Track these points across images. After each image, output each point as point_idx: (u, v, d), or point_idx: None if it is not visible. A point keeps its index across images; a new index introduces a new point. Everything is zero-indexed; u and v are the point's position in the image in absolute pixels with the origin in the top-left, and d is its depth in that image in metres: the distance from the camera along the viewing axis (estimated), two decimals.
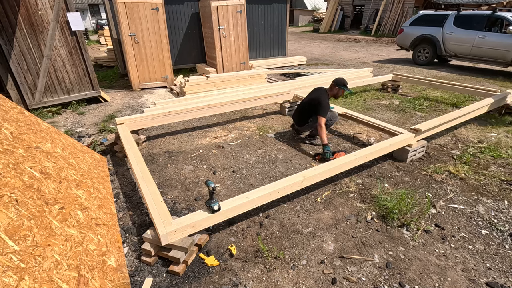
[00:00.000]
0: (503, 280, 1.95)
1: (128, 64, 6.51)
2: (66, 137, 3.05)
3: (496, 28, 7.91)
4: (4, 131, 2.12)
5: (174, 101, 4.86)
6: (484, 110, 4.36)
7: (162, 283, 1.96)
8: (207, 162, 3.53)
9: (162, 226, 2.00)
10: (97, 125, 4.76)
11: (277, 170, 3.34)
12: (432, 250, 2.21)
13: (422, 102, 5.56)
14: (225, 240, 2.33)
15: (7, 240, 1.40)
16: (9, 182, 1.71)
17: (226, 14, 7.28)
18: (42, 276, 1.41)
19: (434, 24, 8.74)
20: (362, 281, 1.96)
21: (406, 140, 3.34)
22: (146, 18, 6.27)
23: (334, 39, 18.64)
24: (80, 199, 2.19)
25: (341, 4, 23.28)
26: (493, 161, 3.44)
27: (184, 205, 2.76)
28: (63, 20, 5.04)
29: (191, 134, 4.36)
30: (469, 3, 17.63)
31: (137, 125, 3.85)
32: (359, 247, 2.25)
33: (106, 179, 2.96)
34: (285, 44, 9.99)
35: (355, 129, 4.46)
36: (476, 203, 2.73)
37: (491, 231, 2.39)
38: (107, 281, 1.75)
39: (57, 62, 5.17)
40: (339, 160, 2.84)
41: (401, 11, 18.64)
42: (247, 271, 2.05)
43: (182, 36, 8.24)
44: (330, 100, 3.79)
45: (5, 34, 4.56)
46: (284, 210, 2.66)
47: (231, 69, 7.90)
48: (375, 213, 2.61)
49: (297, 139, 4.11)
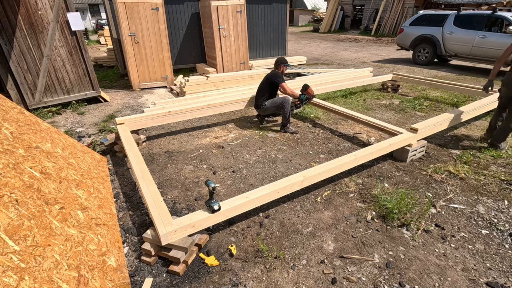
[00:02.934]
0: (503, 280, 1.95)
1: (128, 64, 6.51)
2: (66, 137, 3.05)
3: (496, 28, 7.91)
4: (4, 131, 2.12)
5: (174, 101, 4.86)
6: (484, 110, 4.36)
7: (162, 283, 1.96)
8: (207, 162, 3.53)
9: (162, 226, 2.00)
10: (97, 125, 4.76)
11: (277, 170, 3.34)
12: (432, 250, 2.21)
13: (422, 102, 5.56)
14: (225, 240, 2.33)
15: (7, 240, 1.40)
16: (9, 182, 1.71)
17: (226, 14, 7.28)
18: (42, 276, 1.41)
19: (434, 24, 8.74)
20: (362, 281, 1.96)
21: (406, 140, 3.34)
22: (146, 18, 6.27)
23: (334, 39, 18.64)
24: (80, 199, 2.19)
25: (341, 4, 23.28)
26: (493, 161, 3.44)
27: (184, 205, 2.76)
28: (63, 20, 5.04)
29: (191, 134, 4.36)
30: (469, 3, 17.62)
31: (137, 125, 3.85)
32: (359, 247, 2.25)
33: (106, 179, 2.96)
34: (285, 44, 9.98)
35: (355, 129, 4.46)
36: (476, 203, 2.73)
37: (491, 231, 2.39)
38: (107, 281, 1.75)
39: (57, 62, 5.17)
40: (339, 160, 2.84)
41: (401, 11, 18.63)
42: (247, 271, 2.05)
43: (182, 36, 8.24)
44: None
45: (5, 34, 4.56)
46: (284, 210, 2.66)
47: (231, 69, 7.90)
48: (375, 213, 2.61)
49: (297, 139, 4.11)
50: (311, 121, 4.78)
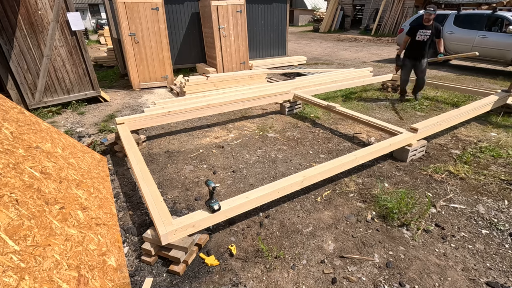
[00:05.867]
0: (503, 280, 1.95)
1: (128, 64, 6.51)
2: (66, 137, 3.05)
3: (496, 27, 7.90)
4: (4, 131, 2.12)
5: (174, 101, 4.86)
6: (483, 110, 4.36)
7: (162, 283, 1.97)
8: (207, 162, 3.53)
9: (162, 226, 2.00)
10: (97, 125, 4.76)
11: (277, 170, 3.34)
12: (432, 249, 2.21)
13: (422, 102, 5.55)
14: (225, 240, 2.33)
15: (7, 240, 1.40)
16: (9, 182, 1.71)
17: (226, 13, 7.27)
18: (42, 276, 1.41)
19: None
20: (362, 280, 1.96)
21: (406, 139, 3.34)
22: (146, 18, 6.26)
23: (334, 38, 18.63)
24: (80, 199, 2.19)
25: (341, 3, 23.26)
26: (493, 160, 3.44)
27: (184, 205, 2.77)
28: (63, 20, 5.03)
29: (191, 134, 4.36)
30: (469, 3, 17.61)
31: (137, 125, 3.85)
32: (359, 246, 2.25)
33: (106, 179, 2.96)
34: (285, 44, 9.98)
35: (355, 128, 4.46)
36: (476, 202, 2.73)
37: (491, 231, 2.39)
38: (107, 280, 1.75)
39: (57, 62, 5.17)
40: (339, 160, 2.84)
41: (401, 10, 18.62)
42: (247, 271, 2.05)
43: (182, 36, 8.24)
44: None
45: (5, 34, 4.56)
46: (284, 210, 2.66)
47: (231, 68, 7.90)
48: (375, 212, 2.61)
49: (297, 138, 4.11)
50: (311, 121, 4.78)
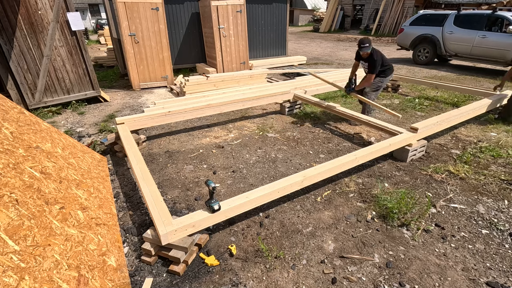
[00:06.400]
0: (503, 280, 1.95)
1: (128, 64, 6.51)
2: (66, 137, 3.05)
3: (496, 27, 7.90)
4: (4, 131, 2.12)
5: (174, 101, 4.86)
6: (483, 110, 4.36)
7: (162, 283, 1.97)
8: (207, 162, 3.53)
9: (162, 226, 2.00)
10: (97, 125, 4.76)
11: (277, 170, 3.34)
12: (432, 249, 2.21)
13: (422, 102, 5.55)
14: (225, 240, 2.33)
15: (7, 240, 1.40)
16: (9, 182, 1.71)
17: (226, 13, 7.27)
18: (42, 276, 1.41)
19: (434, 23, 8.73)
20: (362, 280, 1.96)
21: (406, 139, 3.34)
22: (146, 18, 6.26)
23: (334, 38, 18.63)
24: (80, 199, 2.19)
25: (341, 3, 23.26)
26: (493, 160, 3.44)
27: (184, 205, 2.76)
28: (63, 20, 5.03)
29: (191, 134, 4.36)
30: (469, 3, 17.61)
31: (137, 125, 3.85)
32: (359, 246, 2.25)
33: (106, 179, 2.96)
34: (285, 44, 9.98)
35: (355, 128, 4.46)
36: (476, 202, 2.73)
37: (491, 231, 2.39)
38: (107, 280, 1.75)
39: (57, 62, 5.17)
40: (339, 160, 2.84)
41: (401, 10, 18.61)
42: (247, 271, 2.05)
43: (182, 36, 8.24)
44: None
45: (5, 34, 4.56)
46: (284, 210, 2.66)
47: (231, 68, 7.90)
48: (375, 212, 2.61)
49: (297, 138, 4.11)
50: (311, 121, 4.78)
